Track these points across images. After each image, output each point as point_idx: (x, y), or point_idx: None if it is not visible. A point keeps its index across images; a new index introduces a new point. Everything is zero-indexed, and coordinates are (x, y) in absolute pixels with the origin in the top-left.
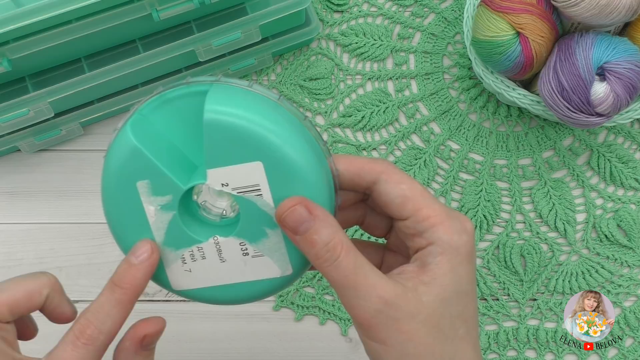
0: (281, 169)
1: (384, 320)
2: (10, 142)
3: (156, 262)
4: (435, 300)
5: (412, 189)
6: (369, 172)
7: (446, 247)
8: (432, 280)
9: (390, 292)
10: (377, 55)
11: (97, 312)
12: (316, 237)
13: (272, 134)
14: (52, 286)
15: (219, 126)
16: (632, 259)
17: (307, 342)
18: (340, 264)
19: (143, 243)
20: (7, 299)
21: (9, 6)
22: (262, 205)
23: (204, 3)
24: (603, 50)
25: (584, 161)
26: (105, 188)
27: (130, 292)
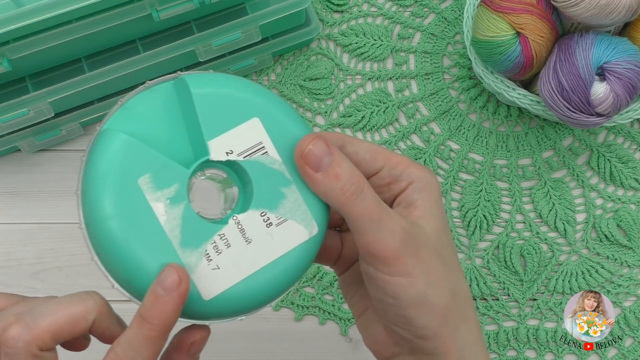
0: (276, 121)
1: (408, 250)
2: (11, 142)
3: (187, 291)
4: (435, 230)
5: (375, 145)
6: (332, 138)
7: (425, 183)
8: (425, 213)
9: (407, 223)
10: (377, 55)
11: (127, 348)
12: (339, 170)
13: (259, 94)
14: (99, 309)
15: (208, 96)
16: (632, 259)
17: (307, 342)
18: (366, 196)
19: (169, 269)
20: (49, 326)
21: (9, 6)
22: (271, 163)
23: (204, 3)
24: (603, 50)
25: (583, 161)
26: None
27: (160, 327)
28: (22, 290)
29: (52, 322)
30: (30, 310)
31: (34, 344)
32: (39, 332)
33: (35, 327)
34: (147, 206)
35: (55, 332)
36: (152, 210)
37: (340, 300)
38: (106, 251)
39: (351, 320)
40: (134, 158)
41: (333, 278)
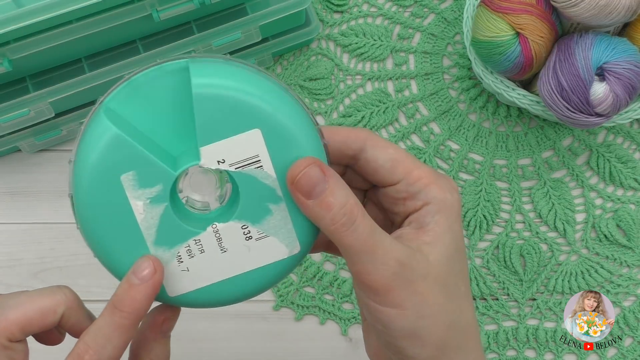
0: (280, 134)
1: (401, 283)
2: (11, 142)
3: (160, 281)
4: (441, 259)
5: (398, 153)
6: (354, 139)
7: (442, 205)
8: (434, 240)
9: (404, 253)
10: (377, 55)
11: (97, 336)
12: (332, 200)
13: (266, 101)
14: (68, 304)
15: (210, 98)
16: (631, 259)
17: (307, 342)
18: (357, 228)
19: (144, 260)
20: (18, 318)
21: (9, 7)
22: (263, 178)
23: (204, 3)
24: (602, 51)
25: (583, 161)
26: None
27: (132, 316)
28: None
29: (21, 314)
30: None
31: (3, 335)
32: (8, 324)
33: (4, 319)
34: (126, 202)
35: (24, 325)
36: (130, 207)
37: (340, 300)
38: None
39: (351, 320)
40: (121, 154)
41: (333, 278)
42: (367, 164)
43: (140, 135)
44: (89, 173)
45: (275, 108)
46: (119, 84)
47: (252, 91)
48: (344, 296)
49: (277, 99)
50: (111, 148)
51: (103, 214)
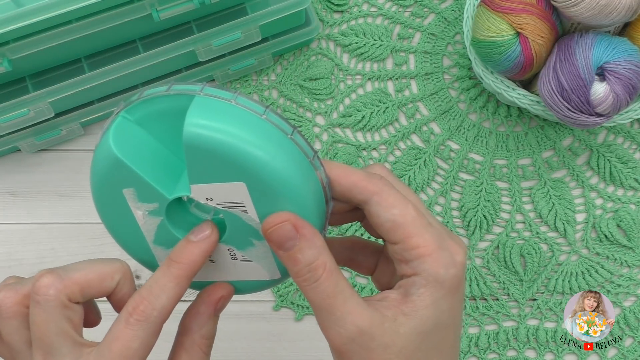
0: (265, 188)
1: (356, 349)
2: (11, 142)
3: (215, 242)
4: (413, 332)
5: (403, 215)
6: (361, 191)
7: (430, 280)
8: (412, 312)
9: (367, 321)
10: (377, 55)
11: (152, 287)
12: (300, 257)
13: (255, 152)
14: (124, 273)
15: (199, 142)
16: (631, 259)
17: (307, 342)
18: (319, 286)
19: (205, 224)
20: (79, 278)
21: (9, 6)
22: (248, 220)
23: (204, 3)
24: (603, 51)
25: (583, 161)
26: (94, 192)
27: (187, 268)
28: None
29: (82, 275)
30: (63, 266)
31: (64, 293)
32: (70, 283)
33: (67, 279)
34: (128, 209)
35: (85, 286)
36: (132, 213)
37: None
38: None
39: None
40: (121, 174)
41: None
42: (370, 217)
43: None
44: (98, 180)
45: (264, 160)
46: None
47: (243, 140)
48: None
49: (269, 148)
50: (113, 168)
51: (112, 210)
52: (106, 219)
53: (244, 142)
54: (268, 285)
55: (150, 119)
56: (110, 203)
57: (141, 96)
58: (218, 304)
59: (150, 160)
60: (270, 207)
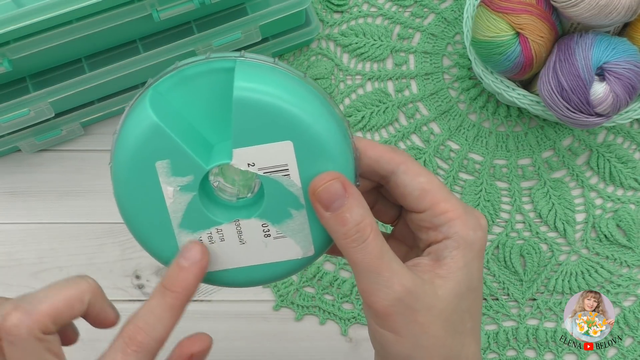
0: (311, 148)
1: (402, 310)
2: (11, 142)
3: (207, 264)
4: (450, 294)
5: (430, 182)
6: (388, 161)
7: (462, 242)
8: (448, 274)
9: (411, 282)
10: (377, 55)
11: (147, 316)
12: (348, 216)
13: (302, 113)
14: (93, 292)
15: (249, 104)
16: (631, 259)
17: (307, 342)
18: (367, 246)
19: (193, 245)
20: (48, 310)
21: (9, 6)
22: (289, 185)
23: (204, 3)
24: (602, 51)
25: (583, 161)
26: (117, 169)
27: (182, 296)
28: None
29: (50, 305)
30: (26, 298)
31: (37, 328)
32: (39, 316)
33: (35, 313)
34: (157, 186)
35: (55, 315)
36: (160, 191)
37: (340, 300)
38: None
39: (351, 320)
40: (158, 143)
41: (333, 278)
42: (396, 187)
43: (180, 124)
44: (128, 154)
45: (310, 120)
46: (169, 70)
47: (290, 101)
48: (344, 296)
49: (314, 110)
50: (150, 136)
51: (136, 192)
52: (127, 202)
53: (292, 103)
54: (300, 265)
55: (182, 93)
56: (137, 182)
57: (177, 67)
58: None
59: (186, 132)
60: (314, 169)
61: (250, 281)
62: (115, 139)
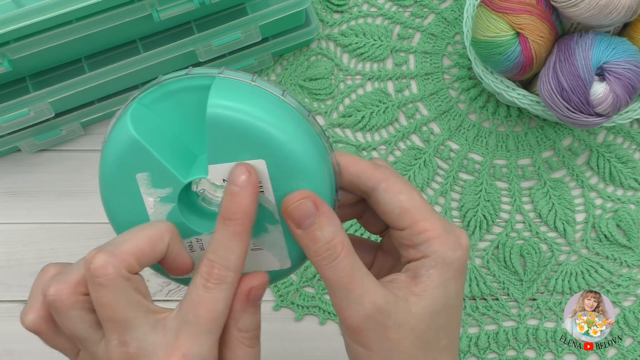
0: (284, 166)
1: (372, 326)
2: (11, 142)
3: (257, 181)
4: (424, 312)
5: (411, 201)
6: (369, 177)
7: (439, 261)
8: (422, 292)
9: (383, 299)
10: (377, 55)
11: (218, 250)
12: (319, 234)
13: (275, 132)
14: (172, 232)
15: (222, 122)
16: (631, 259)
17: (307, 342)
18: (338, 265)
19: (238, 168)
20: (132, 249)
21: (9, 7)
22: (263, 201)
23: (204, 3)
24: (602, 51)
25: (583, 161)
26: (103, 178)
27: (243, 221)
28: (22, 290)
29: (133, 245)
30: (109, 242)
31: (123, 267)
32: (125, 255)
33: (119, 253)
34: (140, 195)
35: (138, 255)
36: (142, 199)
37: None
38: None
39: None
40: (138, 156)
41: None
42: (377, 204)
43: (161, 137)
44: (111, 165)
45: (284, 139)
46: (152, 84)
47: (264, 119)
48: None
49: (289, 128)
50: (130, 151)
51: (120, 200)
52: (112, 208)
53: (265, 122)
54: (277, 276)
55: (165, 106)
56: (120, 190)
57: (159, 81)
58: (249, 295)
59: (166, 145)
60: (288, 186)
61: None
62: (102, 148)
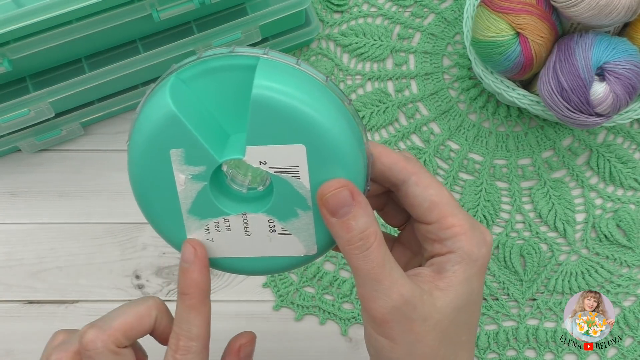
0: (323, 153)
1: (398, 318)
2: (11, 142)
3: (204, 256)
4: (448, 306)
5: (440, 195)
6: (401, 170)
7: (465, 257)
8: (447, 287)
9: (410, 291)
10: (377, 55)
11: (179, 323)
12: (353, 223)
13: (318, 118)
14: (159, 308)
15: (266, 104)
16: (631, 259)
17: (307, 342)
18: (369, 255)
19: (185, 246)
20: (120, 325)
21: (9, 6)
22: (298, 187)
23: (204, 3)
24: (602, 51)
25: (583, 161)
26: (133, 151)
27: (197, 294)
28: (22, 290)
29: (121, 322)
30: (100, 318)
31: (111, 342)
32: (113, 331)
33: (108, 328)
34: (170, 172)
35: (127, 330)
36: (173, 176)
37: (340, 300)
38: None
39: (351, 320)
40: (174, 131)
41: (333, 278)
42: (406, 197)
43: (198, 114)
44: (144, 138)
45: (325, 125)
46: (193, 59)
47: (307, 104)
48: (344, 296)
49: (330, 115)
50: (166, 124)
51: (149, 175)
52: (140, 183)
53: (309, 106)
54: (301, 262)
55: (204, 83)
56: (150, 165)
57: (200, 57)
58: (240, 352)
59: (203, 123)
60: (325, 173)
61: (251, 271)
62: (134, 120)
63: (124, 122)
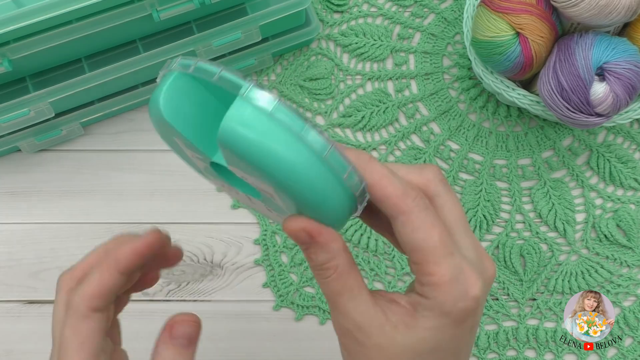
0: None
1: (352, 343)
2: (11, 142)
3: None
4: (408, 346)
5: (426, 240)
6: (391, 207)
7: (436, 308)
8: (413, 327)
9: (367, 320)
10: (377, 55)
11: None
12: (313, 257)
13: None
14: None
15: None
16: (631, 259)
17: (307, 342)
18: (328, 283)
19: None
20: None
21: (9, 7)
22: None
23: (204, 3)
24: (602, 51)
25: (583, 161)
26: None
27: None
28: (22, 290)
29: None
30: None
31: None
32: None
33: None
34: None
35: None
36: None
37: None
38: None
39: None
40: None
41: None
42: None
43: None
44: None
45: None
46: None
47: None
48: None
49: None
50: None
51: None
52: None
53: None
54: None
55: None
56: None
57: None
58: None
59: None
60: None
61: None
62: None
63: (124, 122)
